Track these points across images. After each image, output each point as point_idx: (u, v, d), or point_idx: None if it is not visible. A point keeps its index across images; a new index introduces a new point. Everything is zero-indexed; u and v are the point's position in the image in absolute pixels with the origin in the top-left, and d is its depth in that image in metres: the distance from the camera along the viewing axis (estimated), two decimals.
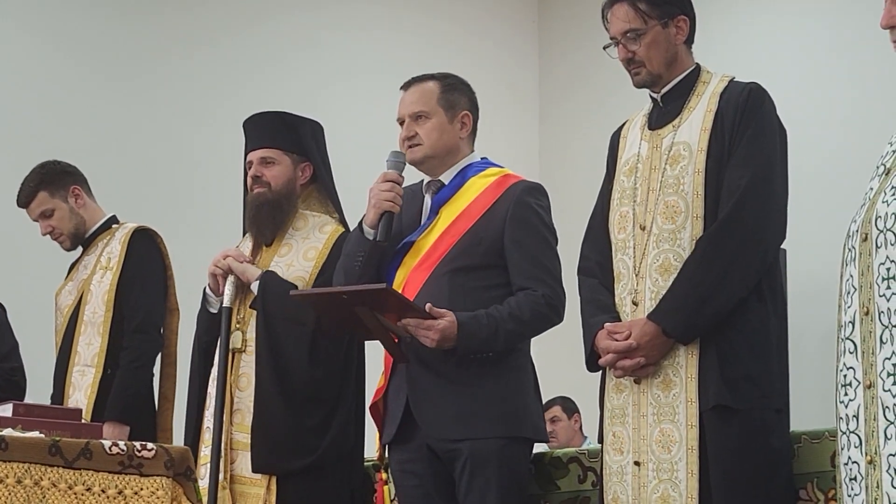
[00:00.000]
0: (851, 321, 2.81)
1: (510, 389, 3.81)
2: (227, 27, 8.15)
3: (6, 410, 3.45)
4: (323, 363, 4.23)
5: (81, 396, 4.89)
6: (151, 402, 5.05)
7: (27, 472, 3.17)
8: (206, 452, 4.27)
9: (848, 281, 2.84)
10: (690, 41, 3.66)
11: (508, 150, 4.11)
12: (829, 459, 3.41)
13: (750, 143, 3.46)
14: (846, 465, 2.80)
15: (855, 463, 2.76)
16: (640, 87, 3.67)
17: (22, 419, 3.39)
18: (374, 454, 4.48)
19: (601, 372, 3.63)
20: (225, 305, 4.33)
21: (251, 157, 4.45)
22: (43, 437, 3.26)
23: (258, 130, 4.47)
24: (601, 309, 3.58)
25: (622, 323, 3.51)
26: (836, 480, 3.35)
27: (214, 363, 4.34)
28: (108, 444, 3.31)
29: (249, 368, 4.27)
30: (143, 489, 3.29)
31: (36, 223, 5.19)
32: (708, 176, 3.48)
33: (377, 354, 4.11)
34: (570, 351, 4.39)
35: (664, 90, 3.64)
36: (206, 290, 4.46)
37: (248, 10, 8.23)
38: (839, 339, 2.85)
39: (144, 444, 3.36)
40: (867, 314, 2.75)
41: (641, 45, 3.58)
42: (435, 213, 3.96)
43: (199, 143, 7.86)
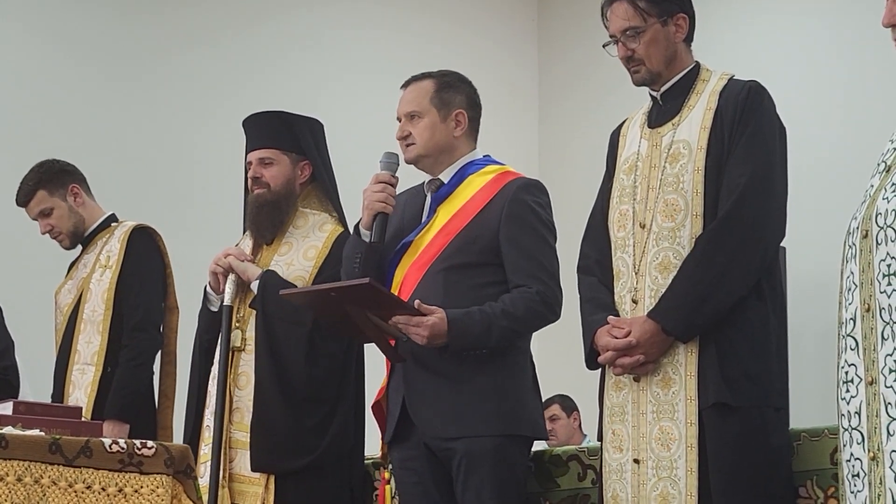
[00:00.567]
0: (852, 318, 2.81)
1: (506, 387, 3.80)
2: (227, 26, 8.15)
3: (6, 409, 3.45)
4: (322, 363, 4.23)
5: (81, 395, 4.90)
6: (151, 400, 5.05)
7: (27, 470, 3.17)
8: (205, 451, 4.28)
9: (849, 278, 2.85)
10: (690, 39, 3.66)
11: (508, 148, 4.11)
12: (828, 457, 3.41)
13: (749, 141, 3.46)
14: (848, 461, 2.81)
15: (857, 459, 2.76)
16: (639, 85, 3.67)
17: (22, 417, 3.39)
18: (376, 452, 4.50)
19: (601, 370, 3.63)
20: (225, 304, 4.34)
21: (250, 157, 4.46)
22: (43, 435, 3.26)
23: (257, 130, 4.48)
24: (600, 307, 3.58)
25: (623, 319, 3.51)
26: (835, 478, 3.36)
27: (215, 362, 4.35)
28: (108, 442, 3.31)
29: (248, 367, 4.28)
30: (143, 487, 3.29)
31: (35, 222, 5.19)
32: (707, 174, 3.48)
33: (377, 354, 4.11)
34: (569, 349, 4.40)
35: (664, 88, 3.64)
36: (206, 288, 4.46)
37: (248, 9, 8.23)
38: (840, 335, 2.85)
39: (144, 442, 3.36)
40: (868, 311, 2.75)
41: (641, 43, 3.58)
42: (433, 211, 3.96)
43: (199, 142, 7.86)
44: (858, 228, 2.82)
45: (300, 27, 8.42)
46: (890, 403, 2.68)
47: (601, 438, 3.61)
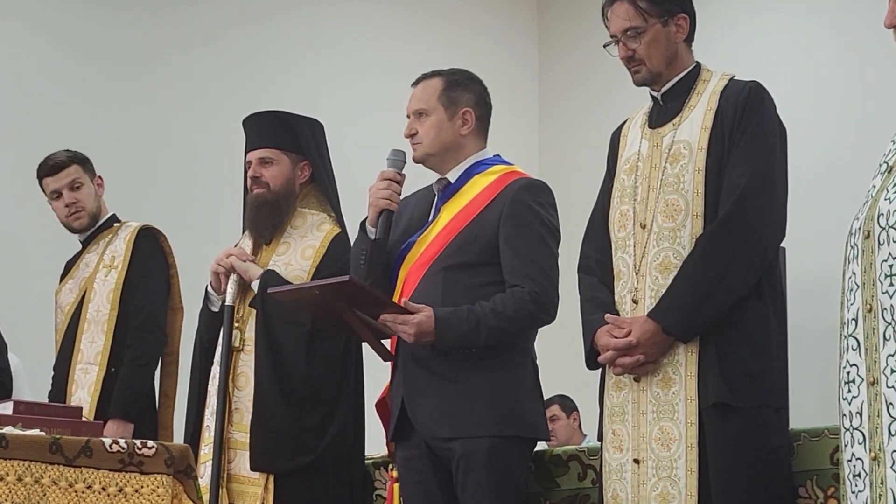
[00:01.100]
0: (854, 318, 2.81)
1: (504, 388, 3.78)
2: (227, 26, 8.14)
3: (7, 408, 3.45)
4: (322, 362, 4.23)
5: (85, 394, 4.90)
6: (153, 399, 5.06)
7: (28, 469, 3.17)
8: (205, 451, 4.28)
9: (850, 278, 2.85)
10: (690, 39, 3.66)
11: (508, 148, 4.10)
12: (828, 457, 3.41)
13: (750, 141, 3.46)
14: (850, 461, 2.81)
15: (859, 460, 2.77)
16: (640, 85, 3.67)
17: (22, 417, 3.39)
18: (376, 452, 4.50)
19: (601, 370, 3.63)
20: (227, 304, 4.34)
21: (250, 156, 4.46)
22: (43, 435, 3.26)
23: (257, 130, 4.48)
24: (601, 307, 3.58)
25: (623, 318, 3.51)
26: (835, 478, 3.36)
27: (215, 361, 4.35)
28: (108, 441, 3.31)
29: (248, 367, 4.28)
30: (143, 487, 3.29)
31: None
32: (708, 174, 3.48)
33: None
34: (569, 349, 4.39)
35: (664, 88, 3.64)
36: (207, 288, 4.46)
37: (248, 8, 8.23)
38: (842, 336, 2.85)
39: (145, 441, 3.37)
40: (870, 311, 2.75)
41: (641, 43, 3.58)
42: (438, 210, 3.97)
43: (199, 141, 7.86)
44: (860, 229, 2.82)
45: (300, 27, 8.42)
46: (891, 404, 2.68)
47: (601, 438, 3.60)
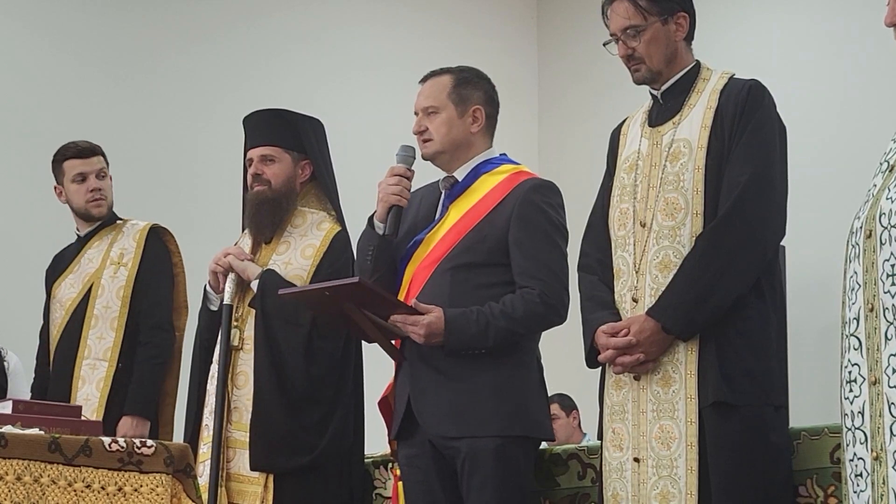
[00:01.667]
0: (856, 318, 2.80)
1: (510, 387, 3.78)
2: (226, 24, 8.14)
3: (6, 407, 3.45)
4: (321, 362, 4.23)
5: (93, 390, 4.89)
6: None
7: (27, 468, 3.17)
8: (204, 450, 4.27)
9: (852, 277, 2.84)
10: (690, 38, 3.66)
11: (508, 147, 4.09)
12: (828, 456, 3.41)
13: (750, 140, 3.46)
14: (851, 461, 2.80)
15: (861, 459, 2.76)
16: (639, 83, 3.67)
17: (21, 416, 3.39)
18: (375, 451, 4.50)
19: (601, 368, 3.63)
20: (225, 303, 4.33)
21: (251, 154, 4.45)
22: (42, 434, 3.26)
23: (258, 128, 4.47)
24: (601, 305, 3.58)
25: (620, 322, 3.51)
26: (835, 477, 3.36)
27: (214, 360, 4.34)
28: (107, 441, 3.31)
29: (247, 366, 4.27)
30: (142, 486, 3.29)
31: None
32: (708, 173, 3.48)
33: (377, 353, 4.11)
34: (569, 347, 4.39)
35: (664, 87, 3.63)
36: (206, 287, 4.46)
37: (247, 7, 8.22)
38: (843, 335, 2.85)
39: (144, 440, 3.37)
40: (872, 311, 2.75)
41: (641, 41, 3.58)
42: (445, 209, 3.96)
43: (198, 140, 7.86)
44: (862, 228, 2.82)
45: (299, 24, 8.41)
46: (893, 403, 2.67)
47: (601, 437, 3.60)
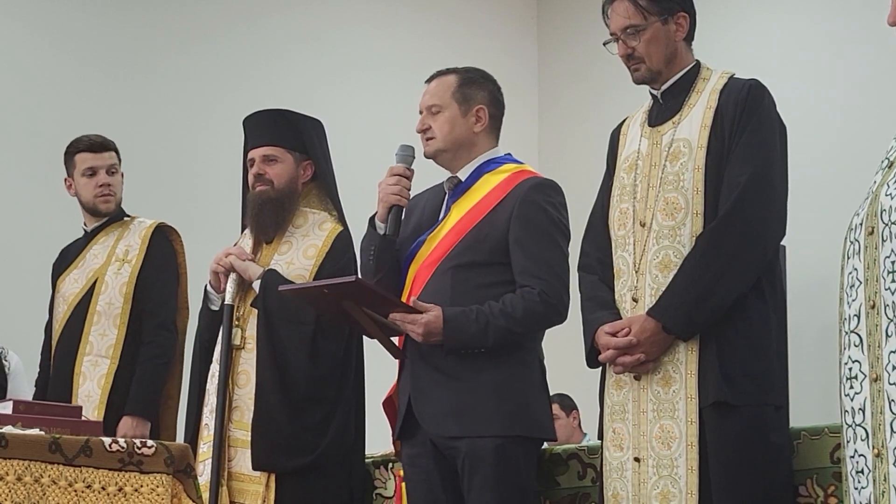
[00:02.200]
0: (857, 314, 2.80)
1: (511, 387, 3.78)
2: (226, 24, 8.15)
3: (6, 408, 3.45)
4: (323, 362, 4.23)
5: (94, 386, 4.89)
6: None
7: (27, 469, 3.17)
8: (204, 449, 4.28)
9: (851, 274, 2.84)
10: (690, 38, 3.66)
11: (508, 146, 4.09)
12: (828, 455, 3.41)
13: (750, 139, 3.46)
14: (852, 458, 2.80)
15: (862, 456, 2.76)
16: (639, 83, 3.67)
17: (22, 416, 3.40)
18: (376, 451, 4.50)
19: (601, 368, 3.63)
20: (227, 303, 4.33)
21: (253, 154, 4.44)
22: (43, 434, 3.26)
23: (260, 128, 4.47)
24: (601, 305, 3.58)
25: (620, 322, 3.51)
26: (835, 476, 3.36)
27: (214, 360, 4.35)
28: (107, 441, 3.31)
29: (248, 366, 4.28)
30: (143, 486, 3.29)
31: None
32: (708, 173, 3.48)
33: (377, 353, 4.11)
34: (569, 347, 4.39)
35: (664, 87, 3.64)
36: (207, 287, 4.46)
37: (247, 7, 8.23)
38: (843, 332, 2.85)
39: (144, 441, 3.37)
40: (873, 307, 2.75)
41: (641, 41, 3.58)
42: (448, 209, 3.96)
43: (198, 140, 7.86)
44: (862, 225, 2.82)
45: (299, 24, 8.42)
46: (894, 400, 2.67)
47: (602, 437, 3.60)
